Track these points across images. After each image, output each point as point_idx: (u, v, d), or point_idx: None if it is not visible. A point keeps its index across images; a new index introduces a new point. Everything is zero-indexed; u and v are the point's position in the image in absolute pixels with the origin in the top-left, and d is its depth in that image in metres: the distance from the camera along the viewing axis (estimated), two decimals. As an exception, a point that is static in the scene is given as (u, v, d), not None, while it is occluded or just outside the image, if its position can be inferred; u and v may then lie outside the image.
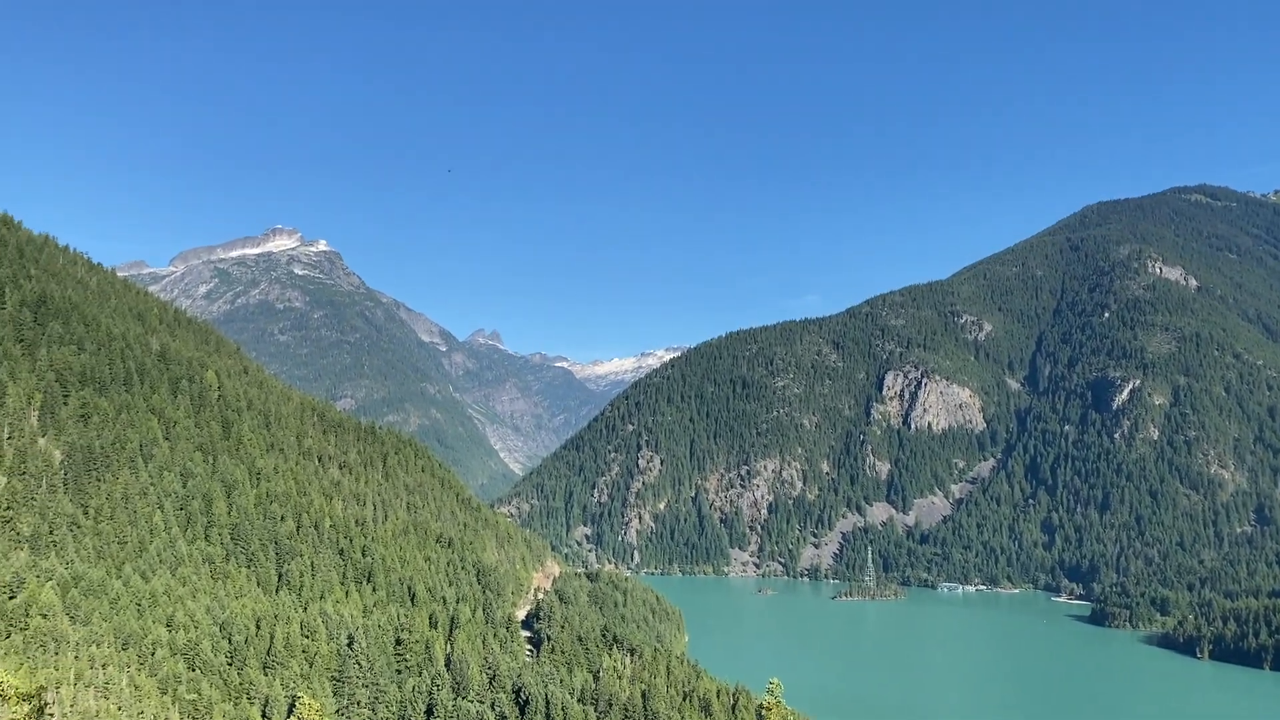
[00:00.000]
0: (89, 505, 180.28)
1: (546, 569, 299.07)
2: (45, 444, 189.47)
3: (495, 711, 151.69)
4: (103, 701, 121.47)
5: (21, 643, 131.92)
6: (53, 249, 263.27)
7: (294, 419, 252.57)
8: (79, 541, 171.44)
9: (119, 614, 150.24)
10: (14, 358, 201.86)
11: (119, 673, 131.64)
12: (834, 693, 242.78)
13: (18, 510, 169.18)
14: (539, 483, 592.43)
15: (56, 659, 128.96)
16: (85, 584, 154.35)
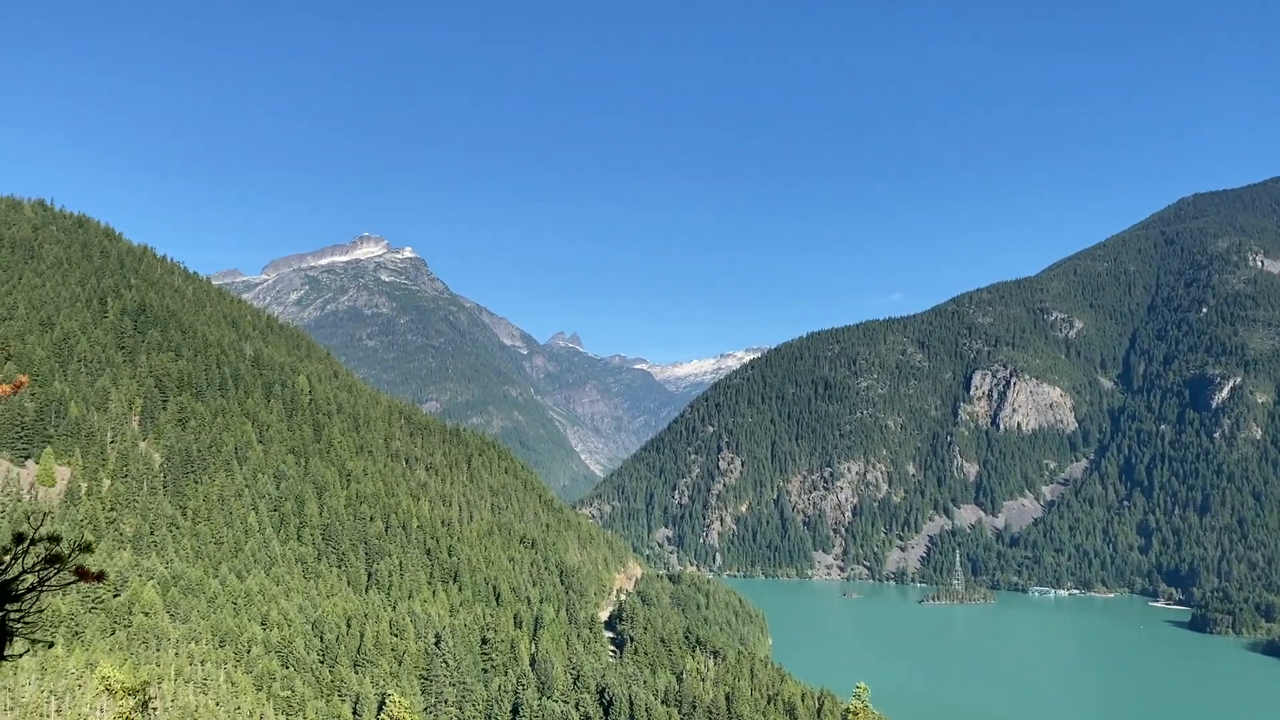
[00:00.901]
0: (187, 506, 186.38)
1: (628, 570, 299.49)
2: (146, 447, 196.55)
3: (579, 712, 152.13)
4: (201, 697, 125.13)
5: (125, 639, 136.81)
6: (151, 259, 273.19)
7: (382, 422, 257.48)
8: (178, 542, 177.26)
9: (216, 612, 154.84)
10: (116, 364, 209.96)
11: (216, 669, 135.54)
12: (922, 698, 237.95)
13: (121, 512, 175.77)
14: (620, 484, 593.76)
15: (158, 655, 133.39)
16: (184, 583, 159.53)
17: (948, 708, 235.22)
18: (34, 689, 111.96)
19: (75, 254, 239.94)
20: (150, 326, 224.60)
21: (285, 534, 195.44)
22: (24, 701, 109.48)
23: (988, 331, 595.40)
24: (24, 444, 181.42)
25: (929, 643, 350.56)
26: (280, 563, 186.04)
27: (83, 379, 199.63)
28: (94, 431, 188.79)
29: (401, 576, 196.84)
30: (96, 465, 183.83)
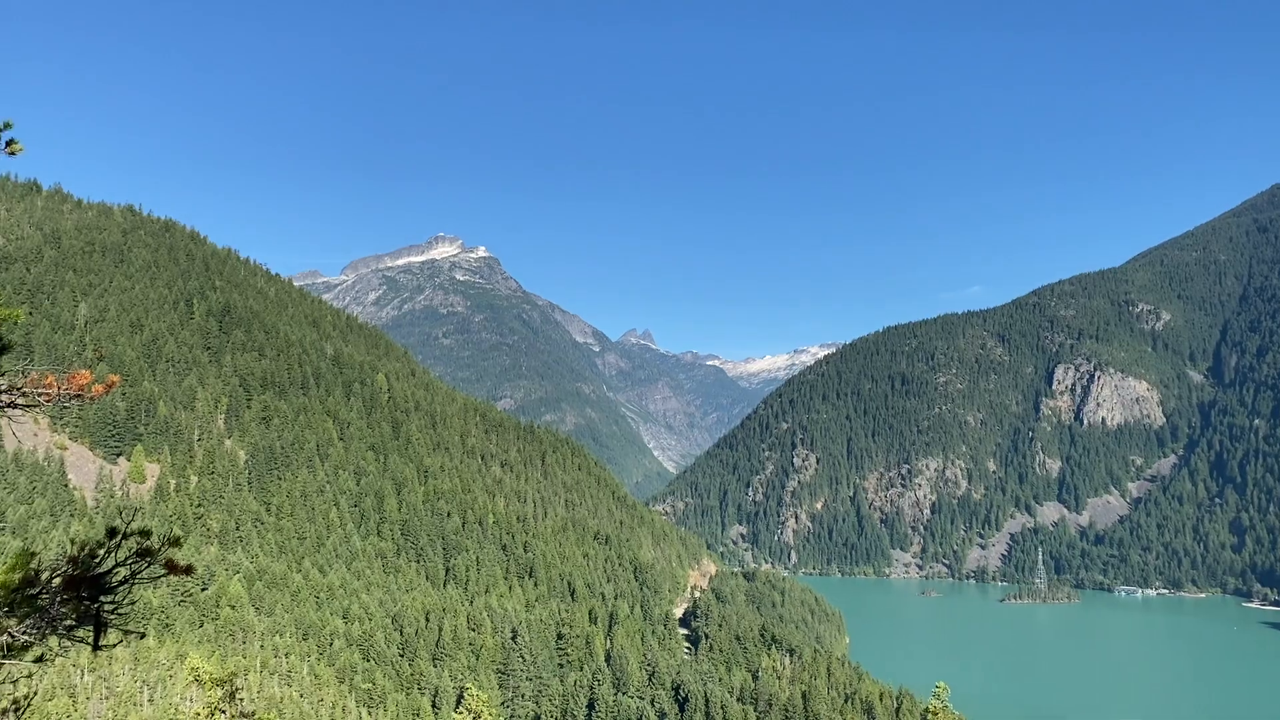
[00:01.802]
0: (271, 502, 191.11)
1: (702, 567, 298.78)
2: (231, 445, 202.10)
3: (655, 708, 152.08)
4: (286, 688, 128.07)
5: (213, 632, 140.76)
6: (235, 261, 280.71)
7: (458, 419, 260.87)
8: (263, 537, 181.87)
9: (299, 606, 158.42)
10: (202, 364, 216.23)
11: (300, 662, 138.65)
12: (1004, 699, 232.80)
13: (208, 508, 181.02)
14: (693, 481, 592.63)
15: (244, 647, 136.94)
16: (269, 577, 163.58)
17: (1031, 710, 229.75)
18: (127, 678, 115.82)
19: (163, 257, 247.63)
20: (235, 327, 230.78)
21: (365, 529, 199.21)
22: (118, 690, 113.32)
23: (1070, 324, 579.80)
24: (116, 442, 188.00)
25: (1011, 643, 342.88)
26: (361, 557, 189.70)
27: (171, 379, 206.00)
28: (182, 430, 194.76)
29: (478, 572, 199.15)
30: (184, 462, 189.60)
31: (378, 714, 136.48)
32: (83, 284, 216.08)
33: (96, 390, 8.80)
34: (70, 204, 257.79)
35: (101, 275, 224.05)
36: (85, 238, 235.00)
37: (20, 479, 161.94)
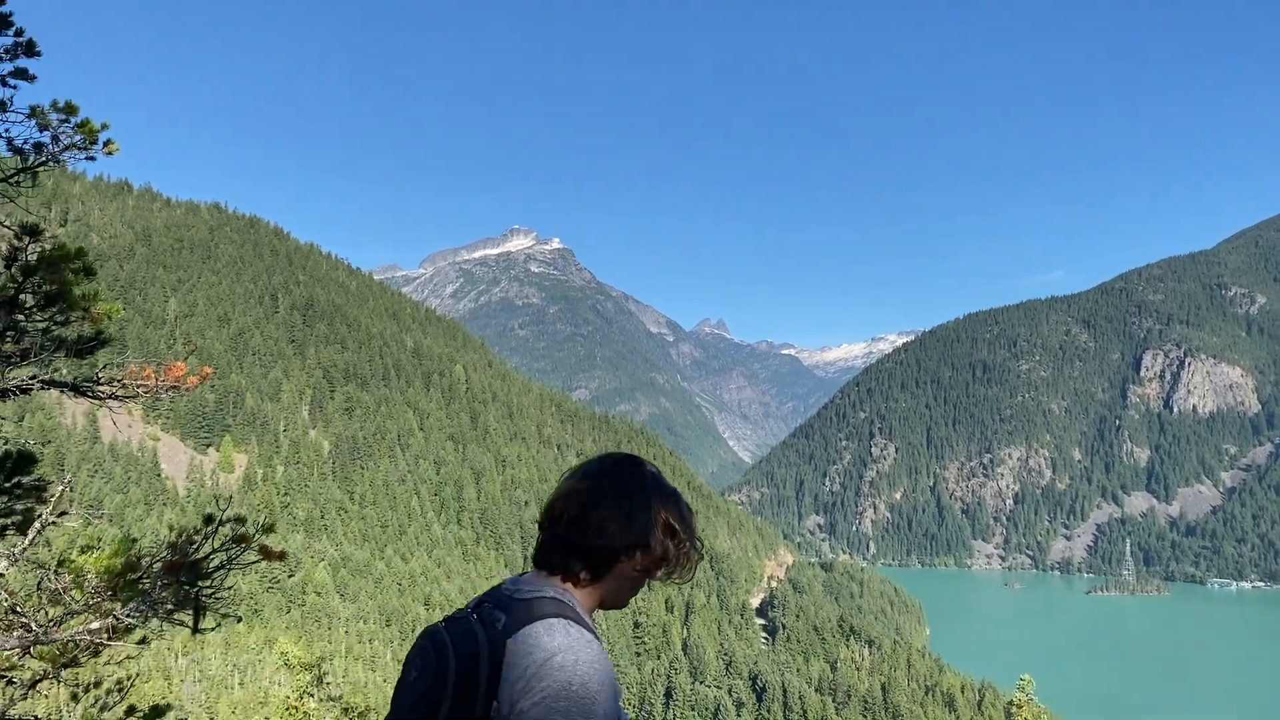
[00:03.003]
0: (354, 491, 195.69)
1: (779, 558, 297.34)
2: (316, 435, 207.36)
3: (732, 697, 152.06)
4: (370, 673, 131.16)
5: (300, 617, 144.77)
6: (317, 256, 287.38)
7: (534, 409, 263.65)
8: (346, 525, 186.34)
9: (382, 593, 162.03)
10: (287, 357, 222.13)
11: (384, 648, 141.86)
12: (1091, 692, 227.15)
13: (294, 496, 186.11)
14: (769, 471, 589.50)
15: (329, 633, 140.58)
16: (353, 564, 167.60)
17: (1120, 704, 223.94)
18: (219, 662, 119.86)
19: (248, 253, 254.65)
20: (317, 320, 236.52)
21: (445, 518, 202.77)
22: (210, 674, 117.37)
23: (1159, 309, 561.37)
24: (205, 433, 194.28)
25: (1098, 635, 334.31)
26: (441, 545, 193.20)
27: (257, 371, 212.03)
28: (268, 420, 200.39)
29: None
30: (271, 452, 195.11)
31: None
32: (172, 280, 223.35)
33: (191, 382, 9.07)
34: (159, 202, 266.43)
35: (190, 271, 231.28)
36: (174, 235, 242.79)
37: (116, 469, 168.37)
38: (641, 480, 3.79)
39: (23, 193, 9.40)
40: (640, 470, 3.83)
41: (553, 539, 3.80)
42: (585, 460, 4.02)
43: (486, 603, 3.72)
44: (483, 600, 3.80)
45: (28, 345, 8.26)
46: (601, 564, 3.69)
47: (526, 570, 3.81)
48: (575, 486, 3.78)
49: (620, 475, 3.78)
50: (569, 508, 3.74)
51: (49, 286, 8.14)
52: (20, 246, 8.08)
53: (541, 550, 3.86)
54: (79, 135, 9.17)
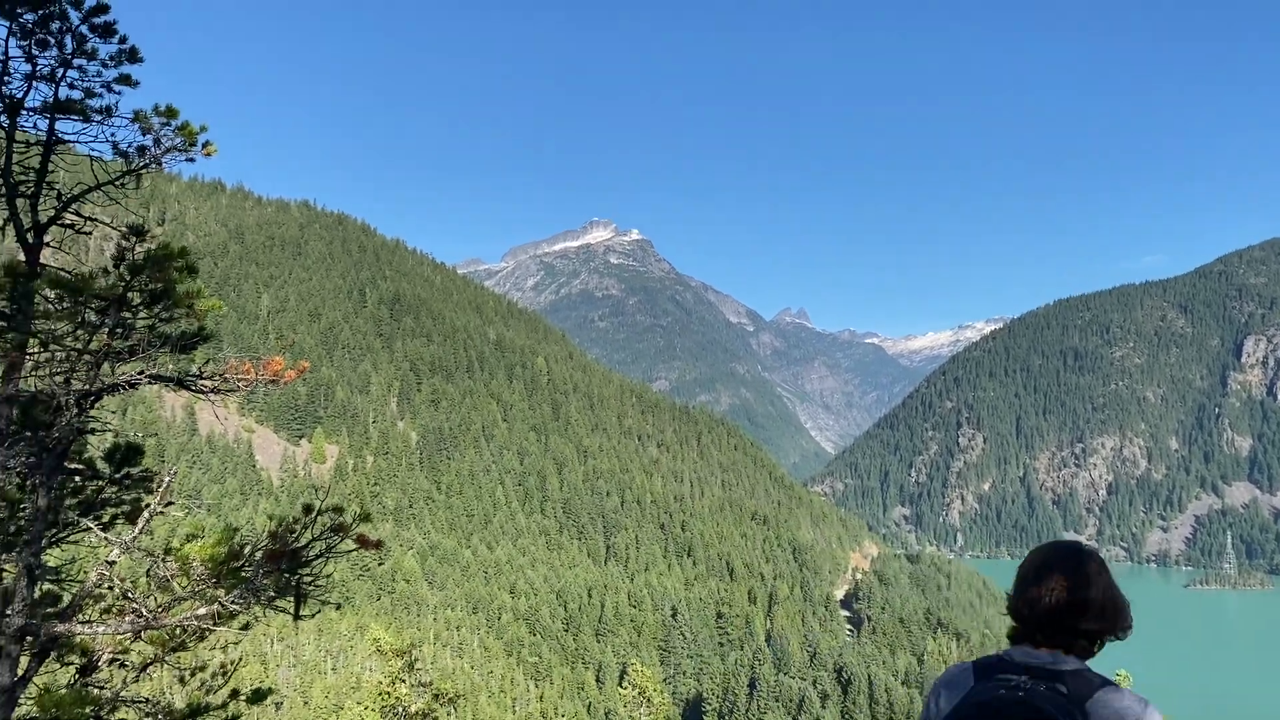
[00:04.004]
0: (441, 481, 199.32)
1: (864, 549, 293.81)
2: (404, 426, 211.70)
3: (817, 689, 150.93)
4: (458, 660, 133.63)
5: (390, 604, 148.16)
6: (403, 252, 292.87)
7: (615, 400, 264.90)
8: (434, 514, 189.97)
9: (469, 580, 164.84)
10: (375, 350, 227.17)
11: (471, 635, 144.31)
12: (1189, 688, 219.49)
13: (383, 486, 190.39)
14: (852, 461, 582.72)
15: (418, 620, 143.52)
16: (440, 553, 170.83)
17: (1220, 700, 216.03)
18: (313, 648, 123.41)
19: (337, 249, 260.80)
20: (404, 314, 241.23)
21: (529, 507, 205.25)
22: (304, 659, 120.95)
23: (1261, 293, 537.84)
24: (298, 424, 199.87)
25: (1197, 630, 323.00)
26: (525, 534, 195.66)
27: (346, 364, 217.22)
28: (357, 412, 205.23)
29: (637, 550, 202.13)
30: (361, 443, 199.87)
31: (544, 687, 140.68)
32: (264, 276, 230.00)
33: (289, 375, 9.34)
34: (251, 201, 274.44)
35: (281, 268, 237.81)
36: (266, 232, 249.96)
37: (213, 460, 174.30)
38: (1106, 567, 4.61)
39: (127, 194, 9.77)
40: (1100, 559, 4.65)
41: (1049, 620, 4.39)
42: (1050, 550, 4.70)
43: (1007, 673, 4.32)
44: (998, 669, 4.39)
45: (135, 341, 8.61)
46: (1093, 642, 4.45)
47: (609, 559, 4.34)
48: (1062, 579, 4.41)
49: (1095, 564, 4.56)
50: (1061, 595, 4.38)
51: (155, 285, 8.46)
52: (128, 247, 8.41)
53: (1039, 628, 4.43)
54: (179, 138, 9.50)
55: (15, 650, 8.39)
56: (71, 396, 8.38)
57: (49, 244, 9.62)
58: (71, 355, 8.53)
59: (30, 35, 9.16)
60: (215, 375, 9.03)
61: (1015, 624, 4.58)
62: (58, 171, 9.82)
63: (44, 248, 9.50)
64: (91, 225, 9.52)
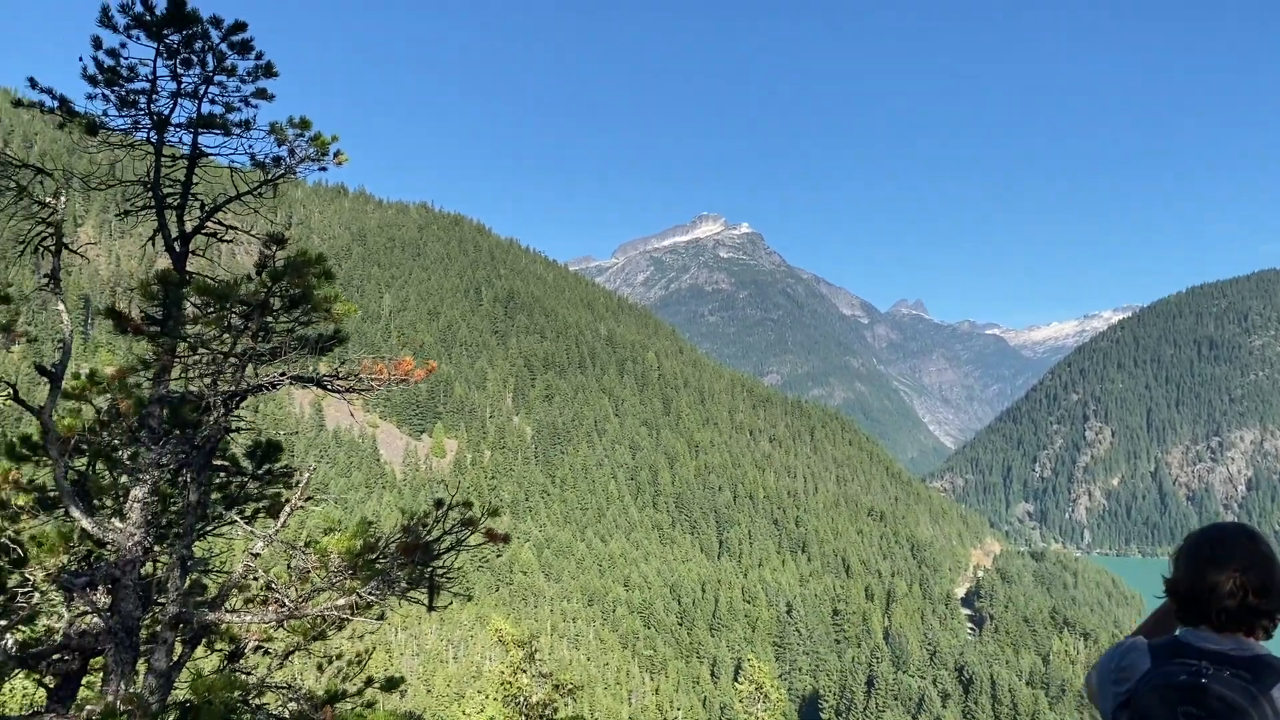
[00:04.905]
0: (555, 475, 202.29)
1: (985, 546, 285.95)
2: (519, 421, 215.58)
3: (937, 688, 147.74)
4: (574, 651, 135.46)
5: (508, 595, 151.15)
6: (517, 250, 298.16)
7: (725, 395, 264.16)
8: (549, 507, 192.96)
9: (584, 573, 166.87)
10: (490, 347, 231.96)
11: (586, 626, 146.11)
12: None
13: (500, 479, 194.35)
14: (973, 457, 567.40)
15: (535, 611, 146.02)
16: (555, 545, 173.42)
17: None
18: (434, 638, 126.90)
19: (454, 249, 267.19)
20: (518, 312, 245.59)
21: (641, 501, 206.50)
22: (427, 648, 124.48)
23: None
24: (419, 420, 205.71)
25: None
26: (639, 528, 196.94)
27: (464, 361, 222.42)
28: (475, 408, 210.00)
29: (751, 545, 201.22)
30: (478, 438, 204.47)
31: (659, 680, 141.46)
32: (385, 277, 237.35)
33: (418, 375, 9.67)
34: (372, 204, 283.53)
35: (402, 269, 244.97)
36: (386, 234, 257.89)
37: (340, 454, 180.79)
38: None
39: (265, 204, 10.25)
40: None
41: (1233, 605, 4.27)
42: (1224, 531, 4.53)
43: (1186, 657, 4.24)
44: (1176, 653, 4.30)
45: (276, 344, 9.04)
46: (1275, 624, 4.34)
47: (722, 553, 4.25)
48: (1244, 561, 4.30)
49: (1268, 546, 4.42)
50: (1246, 579, 4.27)
51: (294, 290, 8.87)
52: (269, 254, 8.84)
53: (1220, 612, 4.32)
54: (312, 148, 9.93)
55: (170, 637, 8.91)
56: (218, 397, 8.86)
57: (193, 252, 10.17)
58: (218, 358, 9.02)
59: (175, 55, 9.68)
60: (350, 376, 9.42)
61: (1181, 607, 4.51)
62: (201, 183, 10.37)
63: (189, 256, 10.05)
64: (231, 234, 10.04)
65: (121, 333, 9.32)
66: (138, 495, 9.23)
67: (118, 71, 9.57)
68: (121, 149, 10.23)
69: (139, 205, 10.04)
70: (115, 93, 9.72)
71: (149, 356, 9.45)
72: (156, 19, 9.28)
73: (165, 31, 9.40)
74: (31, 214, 10.17)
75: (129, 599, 9.06)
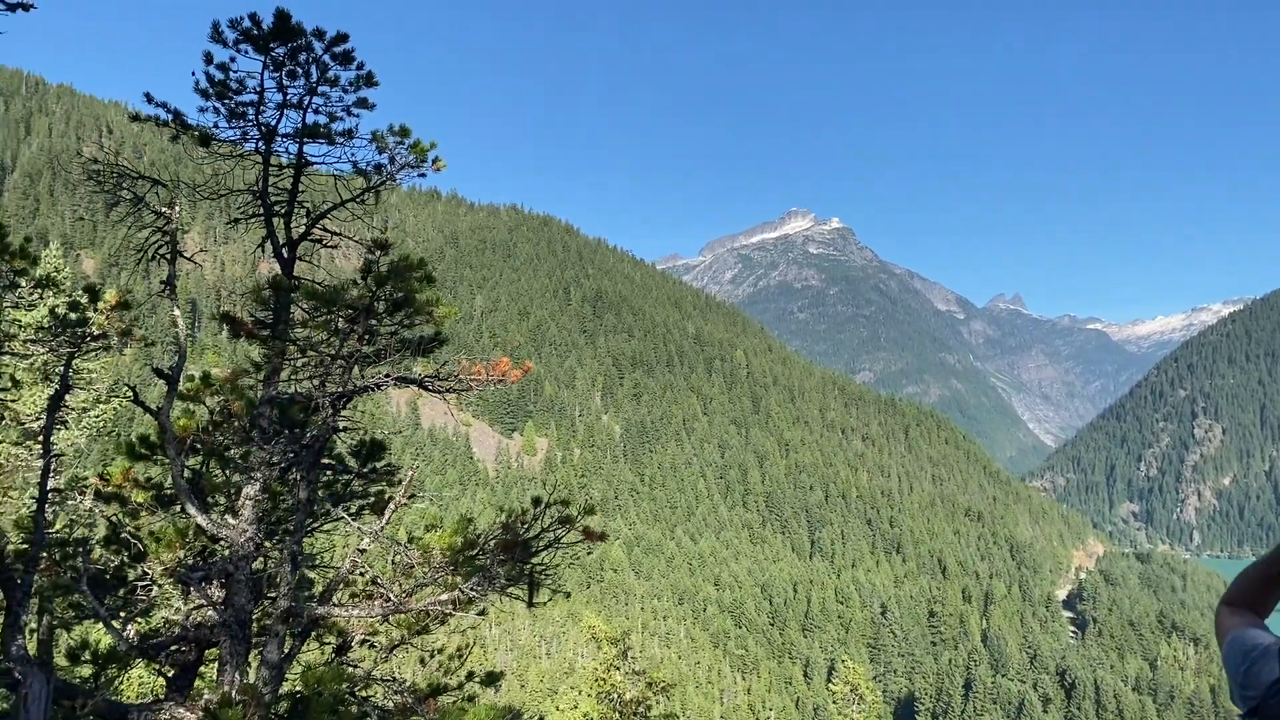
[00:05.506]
0: (644, 473, 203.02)
1: (1088, 548, 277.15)
2: (608, 420, 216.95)
3: (1038, 693, 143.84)
4: (665, 649, 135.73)
5: (599, 593, 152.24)
6: (605, 250, 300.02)
7: (816, 393, 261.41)
8: (638, 505, 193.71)
9: (674, 571, 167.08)
10: (579, 347, 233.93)
11: (677, 625, 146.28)
12: None
13: (590, 477, 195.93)
14: (1074, 455, 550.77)
15: (626, 609, 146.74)
16: (645, 543, 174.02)
17: None
18: (528, 634, 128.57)
19: (543, 250, 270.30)
20: (606, 311, 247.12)
21: (731, 500, 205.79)
22: (520, 644, 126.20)
23: None
24: (510, 419, 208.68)
25: None
26: (728, 527, 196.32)
27: (554, 360, 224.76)
28: (565, 407, 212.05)
29: (844, 545, 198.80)
30: (568, 436, 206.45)
31: (751, 679, 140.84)
32: (477, 278, 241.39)
33: (514, 375, 9.83)
34: (464, 207, 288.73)
35: (493, 270, 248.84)
36: (478, 236, 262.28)
37: (435, 452, 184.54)
38: None
39: (366, 209, 10.54)
40: None
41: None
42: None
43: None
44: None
45: (380, 346, 9.31)
46: None
47: (814, 554, 4.10)
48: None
49: None
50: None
51: (397, 294, 9.12)
52: (373, 259, 9.09)
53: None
54: (412, 155, 10.17)
55: (281, 630, 9.24)
56: (326, 398, 9.15)
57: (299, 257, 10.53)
58: (325, 360, 9.32)
59: (281, 67, 10.02)
60: (450, 376, 9.64)
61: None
62: (306, 191, 10.71)
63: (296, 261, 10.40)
64: (338, 240, 10.35)
65: (235, 337, 9.70)
66: (249, 493, 9.60)
67: (227, 85, 9.94)
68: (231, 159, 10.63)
69: (248, 213, 10.44)
70: (225, 105, 10.11)
71: (259, 359, 9.82)
72: (264, 33, 9.62)
73: (272, 45, 9.73)
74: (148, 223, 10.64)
75: (242, 593, 9.43)
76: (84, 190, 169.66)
